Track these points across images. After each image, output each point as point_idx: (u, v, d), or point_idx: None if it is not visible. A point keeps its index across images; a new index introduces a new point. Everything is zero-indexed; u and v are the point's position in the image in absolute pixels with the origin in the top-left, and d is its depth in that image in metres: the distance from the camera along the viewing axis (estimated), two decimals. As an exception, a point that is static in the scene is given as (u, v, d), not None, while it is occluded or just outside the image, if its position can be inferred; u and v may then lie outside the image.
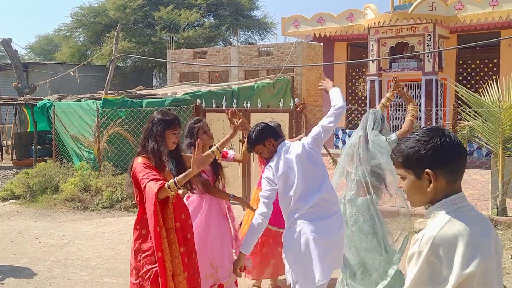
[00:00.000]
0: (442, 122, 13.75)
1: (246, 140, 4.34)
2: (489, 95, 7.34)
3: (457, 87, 7.69)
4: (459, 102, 14.37)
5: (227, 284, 4.35)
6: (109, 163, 10.48)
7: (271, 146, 3.75)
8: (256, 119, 8.69)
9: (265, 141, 3.74)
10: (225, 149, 4.73)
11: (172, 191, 3.27)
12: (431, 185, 1.76)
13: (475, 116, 7.31)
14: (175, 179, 3.27)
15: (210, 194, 4.36)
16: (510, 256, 5.73)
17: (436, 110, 13.30)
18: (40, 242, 7.23)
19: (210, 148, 4.26)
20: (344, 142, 15.33)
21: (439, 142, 1.75)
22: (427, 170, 1.75)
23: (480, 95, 7.37)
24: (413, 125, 4.49)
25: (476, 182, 7.57)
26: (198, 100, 9.69)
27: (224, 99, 9.53)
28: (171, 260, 3.33)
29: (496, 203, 7.04)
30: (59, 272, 5.93)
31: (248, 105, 9.16)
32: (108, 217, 8.67)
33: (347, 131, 15.17)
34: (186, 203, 4.55)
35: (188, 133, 4.45)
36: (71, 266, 6.14)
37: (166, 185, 3.25)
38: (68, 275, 5.83)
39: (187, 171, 3.29)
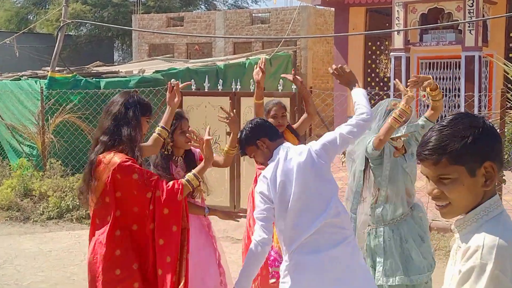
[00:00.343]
0: (486, 112, 13.80)
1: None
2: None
3: (507, 66, 7.72)
4: (509, 85, 14.46)
5: None
6: (57, 160, 10.42)
7: (265, 147, 3.71)
8: (249, 105, 8.67)
9: (257, 140, 3.71)
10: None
11: (193, 186, 3.63)
12: (488, 181, 1.78)
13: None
14: (194, 172, 3.64)
15: None
16: None
17: (480, 96, 13.34)
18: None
19: (183, 155, 4.41)
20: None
21: (490, 130, 1.79)
22: (488, 163, 1.77)
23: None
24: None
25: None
26: (173, 80, 9.64)
27: (206, 79, 9.50)
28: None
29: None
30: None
31: (238, 87, 9.14)
32: (55, 231, 8.64)
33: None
34: None
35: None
36: (8, 294, 6.12)
37: (185, 181, 3.60)
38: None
39: (201, 165, 3.73)
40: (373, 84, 16.34)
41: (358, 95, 3.82)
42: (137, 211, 3.50)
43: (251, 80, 9.59)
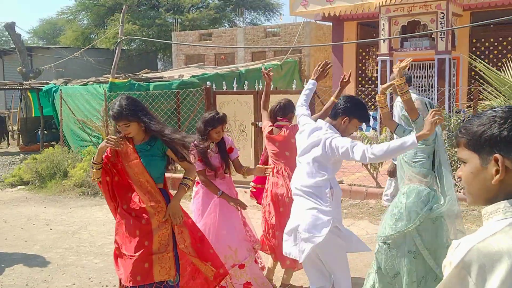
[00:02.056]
0: (455, 103, 13.50)
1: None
2: (510, 73, 7.11)
3: (473, 64, 7.45)
4: (472, 82, 14.11)
5: (248, 264, 4.41)
6: (118, 147, 10.33)
7: (345, 125, 3.69)
8: (270, 101, 8.48)
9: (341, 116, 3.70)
10: (234, 145, 4.65)
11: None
12: (497, 176, 1.40)
13: (496, 95, 7.08)
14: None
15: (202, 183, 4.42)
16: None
17: (450, 91, 13.03)
18: (51, 229, 7.11)
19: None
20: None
21: None
22: (497, 155, 1.40)
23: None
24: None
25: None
26: (208, 82, 9.48)
27: (234, 81, 9.34)
28: None
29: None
30: (72, 260, 5.81)
31: (260, 86, 8.96)
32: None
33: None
34: (196, 189, 4.52)
35: (206, 122, 4.43)
36: (84, 253, 6.02)
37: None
38: (82, 263, 5.72)
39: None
40: (363, 82, 16.06)
41: (399, 140, 3.44)
42: None
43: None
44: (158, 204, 3.58)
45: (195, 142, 4.31)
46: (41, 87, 14.28)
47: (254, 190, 5.03)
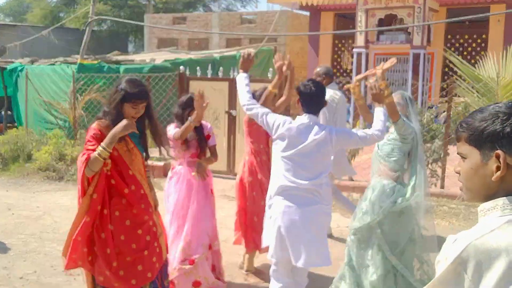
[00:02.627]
0: (427, 98, 13.70)
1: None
2: (484, 70, 7.22)
3: (447, 60, 7.54)
4: (446, 78, 14.33)
5: (199, 261, 4.27)
6: (85, 130, 10.09)
7: (297, 105, 3.65)
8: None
9: (300, 97, 3.63)
10: (211, 133, 4.58)
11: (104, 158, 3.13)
12: (498, 172, 1.37)
13: (470, 91, 7.20)
14: (102, 145, 3.14)
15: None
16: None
17: (423, 85, 13.21)
18: (13, 214, 6.90)
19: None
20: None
21: None
22: (498, 151, 1.37)
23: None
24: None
25: (458, 159, 7.49)
26: (181, 67, 9.33)
27: (209, 67, 9.23)
28: None
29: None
30: (35, 246, 5.65)
31: (235, 73, 8.85)
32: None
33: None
34: (170, 173, 4.43)
35: (181, 104, 4.37)
36: (48, 240, 5.86)
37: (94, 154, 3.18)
38: (45, 250, 5.56)
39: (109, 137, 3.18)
40: (338, 74, 16.12)
41: (380, 113, 3.72)
42: None
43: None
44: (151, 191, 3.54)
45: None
46: (5, 66, 13.83)
47: None
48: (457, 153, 1.52)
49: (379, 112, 3.73)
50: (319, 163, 3.54)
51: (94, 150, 3.12)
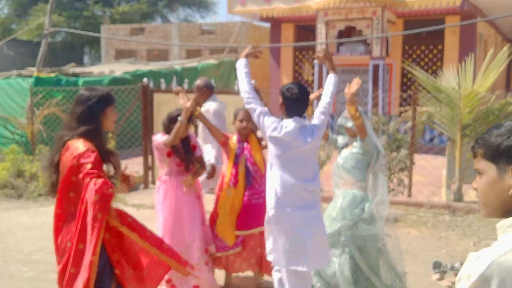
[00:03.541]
0: (387, 108, 14.04)
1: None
2: (445, 81, 7.46)
3: (405, 71, 7.77)
4: (405, 89, 14.74)
5: (198, 266, 4.24)
6: (45, 146, 9.80)
7: (281, 110, 3.72)
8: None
9: (283, 101, 3.69)
10: (197, 143, 4.59)
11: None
12: None
13: (432, 102, 7.43)
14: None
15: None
16: (472, 243, 5.86)
17: (383, 96, 13.53)
18: (-29, 235, 6.62)
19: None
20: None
21: None
22: None
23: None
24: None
25: (423, 168, 7.74)
26: (144, 79, 9.23)
27: (174, 80, 9.17)
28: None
29: (453, 190, 7.20)
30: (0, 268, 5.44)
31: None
32: (46, 206, 8.09)
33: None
34: (159, 182, 4.41)
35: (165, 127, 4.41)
36: (12, 262, 5.64)
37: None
38: (10, 271, 5.35)
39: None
40: (299, 85, 16.32)
41: (329, 82, 3.89)
42: (73, 196, 3.09)
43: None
44: None
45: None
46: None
47: None
48: (474, 169, 1.55)
49: (329, 82, 3.90)
50: (314, 163, 3.70)
51: (102, 175, 3.05)
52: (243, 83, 3.74)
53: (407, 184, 7.38)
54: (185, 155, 4.32)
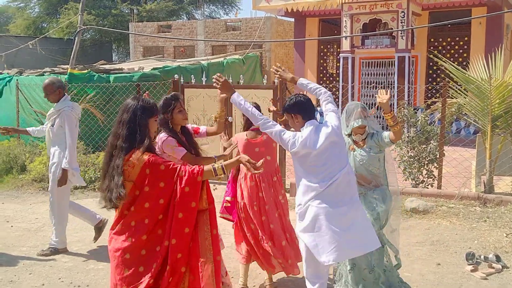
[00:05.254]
0: (413, 100, 13.83)
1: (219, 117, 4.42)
2: (475, 72, 7.30)
3: (431, 63, 7.62)
4: (430, 80, 14.50)
5: None
6: (80, 141, 9.93)
7: (296, 121, 3.73)
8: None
9: (292, 113, 3.73)
10: (195, 125, 4.52)
11: (217, 174, 3.12)
12: None
13: (462, 93, 7.28)
14: (223, 164, 3.14)
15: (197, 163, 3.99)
16: (505, 235, 5.73)
17: (409, 88, 13.33)
18: (12, 226, 6.75)
19: (180, 128, 4.16)
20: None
21: None
22: None
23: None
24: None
25: (451, 160, 7.57)
26: (175, 75, 9.27)
27: (203, 75, 9.18)
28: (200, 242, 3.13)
29: (483, 181, 7.05)
30: (39, 259, 5.53)
31: (230, 81, 8.82)
32: (82, 198, 8.20)
33: (318, 108, 15.03)
34: None
35: (162, 108, 4.08)
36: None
37: (209, 167, 3.12)
38: (49, 262, 5.45)
39: (232, 160, 3.24)
40: (324, 79, 16.20)
41: (306, 81, 3.94)
42: (148, 207, 3.10)
43: (231, 75, 9.34)
44: None
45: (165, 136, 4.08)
46: (-8, 77, 13.57)
47: (229, 204, 4.77)
48: None
49: (306, 80, 3.94)
50: (342, 154, 3.70)
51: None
52: (251, 116, 3.77)
53: (436, 176, 7.26)
54: (188, 143, 4.14)
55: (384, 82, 13.97)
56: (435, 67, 14.44)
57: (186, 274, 3.10)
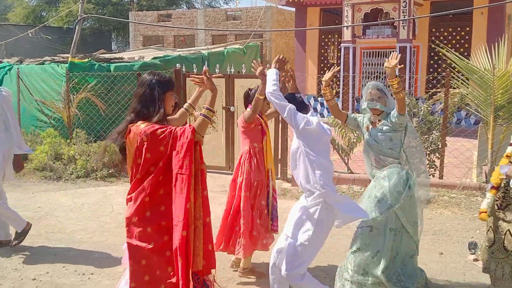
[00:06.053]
0: (413, 91, 13.80)
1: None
2: (477, 62, 7.27)
3: (432, 53, 7.58)
4: (432, 70, 14.46)
5: None
6: (81, 130, 9.92)
7: None
8: (241, 85, 8.37)
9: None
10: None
11: (210, 118, 3.13)
12: None
13: (465, 83, 7.26)
14: (206, 106, 3.15)
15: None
16: (507, 224, 5.74)
17: (410, 78, 13.30)
18: (15, 215, 6.75)
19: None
20: (315, 110, 15.18)
21: None
22: None
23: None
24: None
25: (453, 150, 7.57)
26: (177, 64, 9.23)
27: (206, 64, 9.13)
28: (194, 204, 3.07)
29: (485, 172, 7.06)
30: (43, 247, 5.54)
31: (232, 70, 8.80)
32: (84, 187, 8.22)
33: (319, 99, 15.02)
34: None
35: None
36: (55, 240, 5.75)
37: (201, 116, 3.09)
38: (54, 250, 5.46)
39: (210, 97, 3.23)
40: (325, 69, 16.13)
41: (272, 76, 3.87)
42: (153, 170, 3.08)
43: (232, 64, 9.29)
44: None
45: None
46: (-8, 66, 13.49)
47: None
48: None
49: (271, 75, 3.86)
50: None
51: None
52: (270, 85, 3.75)
53: (438, 166, 7.26)
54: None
55: (385, 72, 13.95)
56: (436, 57, 14.39)
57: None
